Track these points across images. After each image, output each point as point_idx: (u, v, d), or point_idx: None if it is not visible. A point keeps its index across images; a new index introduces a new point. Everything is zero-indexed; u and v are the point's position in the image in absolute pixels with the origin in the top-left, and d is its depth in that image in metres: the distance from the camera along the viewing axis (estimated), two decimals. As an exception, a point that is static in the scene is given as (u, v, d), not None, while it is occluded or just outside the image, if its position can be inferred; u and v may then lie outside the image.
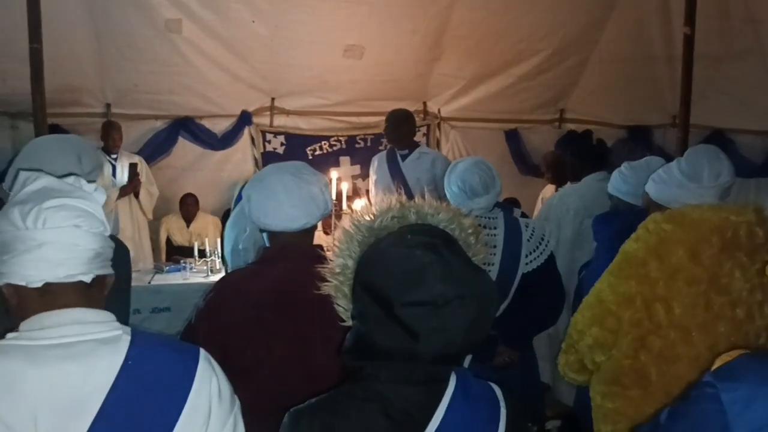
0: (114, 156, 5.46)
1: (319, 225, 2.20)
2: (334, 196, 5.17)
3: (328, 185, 2.10)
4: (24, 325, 1.21)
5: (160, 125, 5.90)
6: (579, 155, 4.29)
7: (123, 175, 5.41)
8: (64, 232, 1.21)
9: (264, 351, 1.85)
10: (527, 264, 2.67)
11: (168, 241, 5.95)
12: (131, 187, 5.40)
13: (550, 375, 3.47)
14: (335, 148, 6.35)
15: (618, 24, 5.86)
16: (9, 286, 1.22)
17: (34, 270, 1.20)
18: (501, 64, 6.06)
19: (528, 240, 2.68)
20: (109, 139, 5.41)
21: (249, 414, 1.47)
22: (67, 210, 1.23)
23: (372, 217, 1.29)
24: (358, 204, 4.94)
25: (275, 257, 1.97)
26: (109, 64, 5.42)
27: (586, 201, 3.72)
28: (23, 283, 1.21)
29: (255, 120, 6.12)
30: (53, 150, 2.20)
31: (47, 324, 1.20)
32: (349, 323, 1.30)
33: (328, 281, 1.32)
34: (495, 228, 2.68)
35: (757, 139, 6.42)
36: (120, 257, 2.34)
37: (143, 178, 5.52)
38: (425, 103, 6.47)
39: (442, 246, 1.20)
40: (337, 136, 6.34)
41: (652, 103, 6.38)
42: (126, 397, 1.19)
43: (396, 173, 5.15)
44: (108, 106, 5.71)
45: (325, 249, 1.83)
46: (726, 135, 6.36)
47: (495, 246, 2.64)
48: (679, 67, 4.81)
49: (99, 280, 1.28)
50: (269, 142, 6.18)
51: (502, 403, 1.30)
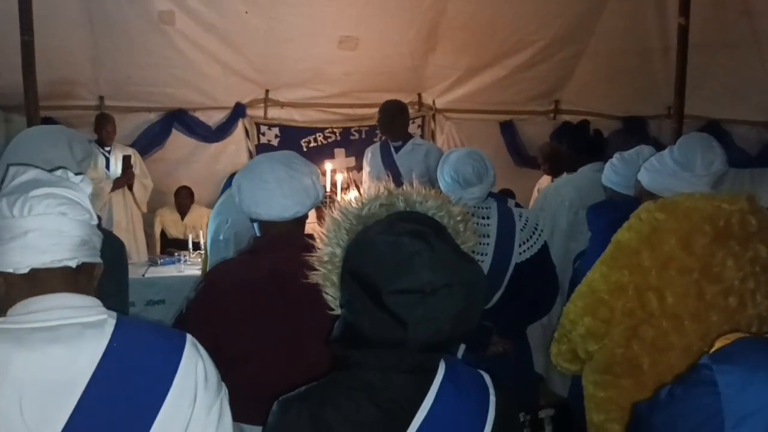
0: (108, 148, 5.44)
1: (314, 215, 2.19)
2: (328, 187, 5.17)
3: (319, 175, 2.10)
4: (11, 311, 1.23)
5: (153, 117, 5.87)
6: (575, 146, 4.28)
7: (117, 168, 5.39)
8: (49, 218, 1.23)
9: (255, 340, 1.86)
10: (521, 254, 2.66)
11: (162, 234, 5.94)
12: (125, 180, 5.39)
13: (543, 365, 3.47)
14: (330, 140, 6.33)
15: (613, 15, 5.84)
16: None
17: (20, 257, 1.21)
18: (496, 55, 6.04)
19: (521, 229, 2.68)
20: (103, 132, 5.39)
21: (239, 402, 1.47)
22: (53, 198, 1.25)
23: (360, 205, 1.28)
24: (351, 196, 4.93)
25: (266, 247, 1.97)
26: (103, 56, 5.38)
27: (581, 192, 3.71)
28: (10, 270, 1.22)
29: (249, 112, 6.09)
30: (44, 140, 2.19)
31: (33, 308, 1.22)
32: (338, 312, 1.30)
33: (316, 270, 1.31)
34: (488, 218, 2.67)
35: (752, 130, 6.42)
36: (116, 253, 2.36)
37: (137, 170, 5.50)
38: (420, 95, 6.44)
39: (430, 234, 1.19)
40: (332, 128, 6.32)
41: (647, 94, 6.36)
42: (111, 379, 1.19)
43: (389, 165, 5.14)
44: (101, 98, 5.69)
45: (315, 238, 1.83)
46: (721, 125, 6.35)
47: (488, 236, 2.64)
48: (674, 58, 4.81)
49: (86, 267, 1.29)
50: (263, 134, 6.15)
51: (491, 391, 1.29)
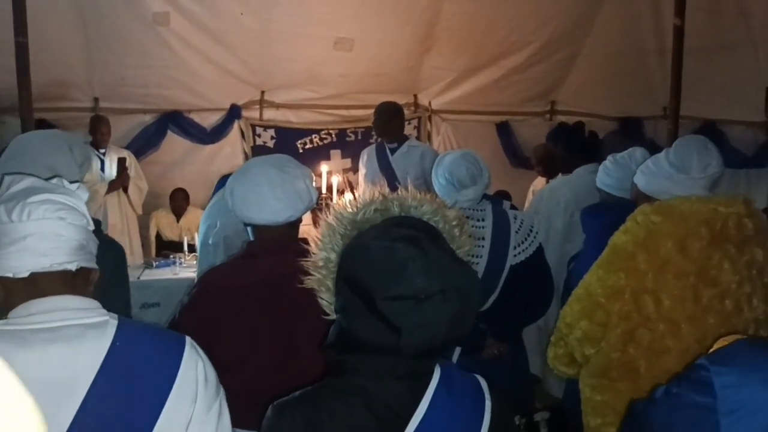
0: (102, 151, 5.42)
1: (308, 218, 2.18)
2: (324, 189, 5.16)
3: (312, 178, 2.09)
4: (12, 313, 1.24)
5: (148, 119, 5.86)
6: (570, 147, 4.28)
7: (111, 170, 5.37)
8: (47, 223, 1.25)
9: (248, 345, 1.85)
10: (515, 256, 2.66)
11: (158, 236, 5.91)
12: (120, 182, 5.37)
13: (540, 367, 3.47)
14: (326, 141, 6.31)
15: (609, 16, 5.84)
16: None
17: (19, 261, 1.23)
18: (492, 56, 6.04)
19: (516, 232, 2.67)
20: (98, 134, 5.37)
21: (234, 407, 1.46)
22: (51, 203, 1.26)
23: (355, 210, 1.28)
24: (346, 198, 4.92)
25: (259, 251, 1.95)
26: (97, 57, 5.36)
27: (576, 193, 3.71)
28: (9, 275, 1.23)
29: (244, 113, 6.08)
30: (46, 146, 2.18)
31: (34, 311, 1.23)
32: (333, 317, 1.29)
33: (311, 275, 1.30)
34: (483, 220, 2.67)
35: (748, 131, 6.43)
36: (119, 259, 2.35)
37: (132, 172, 5.48)
38: (416, 96, 6.44)
39: (424, 239, 1.19)
40: (328, 129, 6.31)
41: (643, 95, 6.37)
42: (114, 379, 1.21)
43: (385, 167, 5.13)
44: (96, 100, 5.66)
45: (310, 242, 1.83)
46: (717, 126, 6.36)
47: (483, 238, 2.63)
48: (670, 59, 4.81)
49: (84, 272, 1.31)
50: (259, 135, 6.14)
51: (486, 396, 1.29)
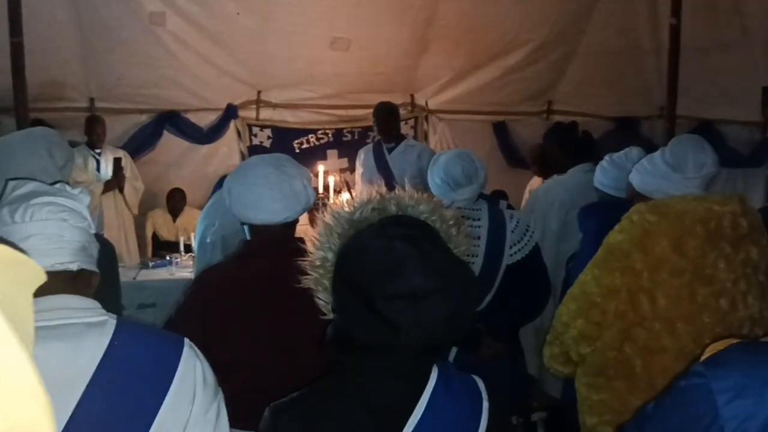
0: (98, 151, 5.40)
1: (305, 218, 2.18)
2: (321, 189, 5.16)
3: (311, 179, 2.08)
4: None
5: (144, 119, 5.84)
6: (564, 147, 4.29)
7: (107, 170, 5.34)
8: (50, 224, 1.27)
9: (245, 346, 1.84)
10: (512, 255, 2.66)
11: (154, 237, 5.90)
12: (116, 182, 5.34)
13: (537, 367, 3.46)
14: (322, 141, 6.30)
15: (605, 15, 5.85)
16: None
17: None
18: (489, 55, 6.04)
19: (512, 231, 2.67)
20: (93, 134, 5.35)
21: (231, 408, 1.46)
22: (54, 205, 1.29)
23: (352, 209, 1.27)
24: (343, 198, 4.92)
25: (256, 251, 1.95)
26: (93, 57, 5.36)
27: (572, 193, 3.72)
28: None
29: (241, 113, 6.06)
30: (22, 149, 2.16)
31: (35, 309, 1.21)
32: (330, 316, 1.29)
33: (308, 274, 1.30)
34: (479, 219, 2.66)
35: (744, 130, 6.43)
36: (108, 256, 2.34)
37: (128, 172, 5.46)
38: (413, 96, 6.43)
39: (422, 238, 1.18)
40: (325, 129, 6.30)
41: (639, 95, 6.39)
42: (112, 378, 1.22)
43: (382, 166, 5.14)
44: (92, 100, 5.65)
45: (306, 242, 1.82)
46: (713, 126, 6.36)
47: (479, 237, 2.63)
48: (666, 59, 4.82)
49: (85, 275, 1.32)
50: (255, 135, 6.12)
51: (484, 396, 1.28)
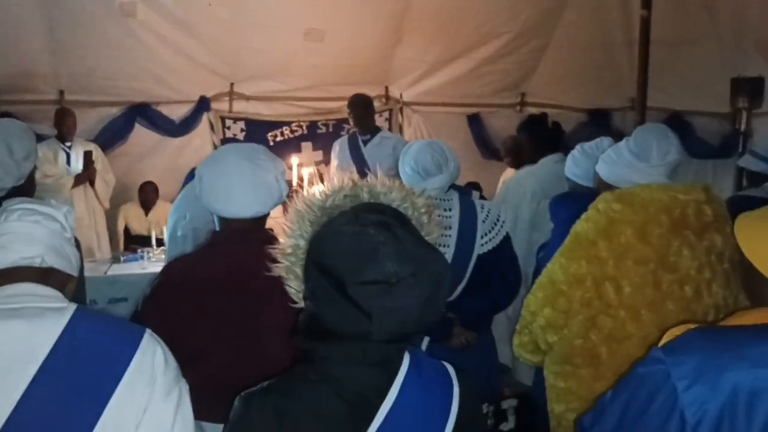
0: (68, 144, 5.32)
1: (279, 210, 2.16)
2: (295, 182, 5.13)
3: (285, 172, 2.05)
4: None
5: (115, 112, 5.75)
6: (535, 137, 4.31)
7: (78, 164, 5.26)
8: (22, 225, 1.35)
9: (213, 336, 1.82)
10: (482, 245, 2.67)
11: (126, 230, 5.83)
12: (86, 176, 5.26)
13: (509, 356, 3.49)
14: (297, 133, 6.27)
15: (577, 8, 5.90)
16: None
17: None
18: (463, 48, 6.06)
19: (483, 221, 2.68)
20: (63, 127, 5.27)
21: (199, 400, 1.45)
22: (27, 210, 1.37)
23: (324, 197, 1.27)
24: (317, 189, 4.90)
25: (224, 241, 1.93)
26: (62, 49, 5.26)
27: (543, 183, 3.74)
28: None
29: (214, 106, 6.00)
30: None
31: (1, 295, 1.30)
32: (301, 305, 1.28)
33: (279, 263, 1.29)
34: (450, 210, 2.67)
35: (714, 122, 6.54)
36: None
37: (99, 166, 5.38)
38: (387, 88, 6.44)
39: (394, 224, 1.18)
40: (299, 121, 6.26)
41: (611, 87, 6.46)
42: (67, 358, 1.24)
43: (358, 158, 5.13)
44: (61, 92, 5.56)
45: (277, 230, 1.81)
46: (683, 117, 6.47)
47: (450, 227, 2.64)
48: (637, 51, 4.87)
49: (58, 275, 1.37)
50: (229, 128, 6.07)
51: (455, 383, 1.29)
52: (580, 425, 1.43)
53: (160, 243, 4.90)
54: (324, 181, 5.38)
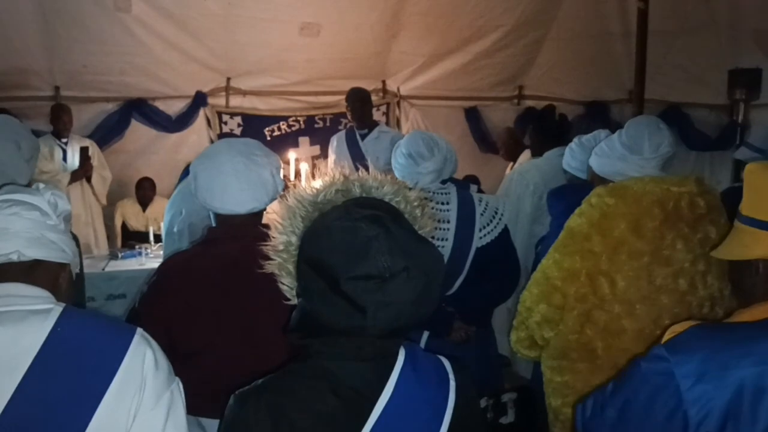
0: (64, 140, 5.31)
1: (276, 205, 2.14)
2: (293, 177, 5.12)
3: (280, 167, 2.05)
4: None
5: (111, 107, 5.74)
6: (541, 131, 4.28)
7: (74, 160, 5.25)
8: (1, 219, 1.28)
9: (210, 333, 1.82)
10: (481, 238, 2.66)
11: (123, 227, 5.82)
12: (83, 172, 5.26)
13: (509, 348, 3.49)
14: (294, 128, 6.25)
15: (574, 1, 5.88)
16: None
17: None
18: (460, 41, 6.04)
19: (481, 214, 2.68)
20: (59, 123, 5.26)
21: (197, 396, 1.44)
22: (8, 202, 1.30)
23: (315, 192, 1.26)
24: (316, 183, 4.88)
25: (220, 237, 1.93)
26: (57, 45, 5.24)
27: (545, 176, 3.73)
28: None
29: (210, 101, 5.99)
30: None
31: None
32: (295, 302, 1.27)
33: (272, 260, 1.28)
34: (448, 203, 2.66)
35: (712, 114, 6.53)
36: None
37: (95, 162, 5.37)
38: (384, 82, 6.42)
39: (387, 219, 1.17)
40: (296, 116, 6.24)
41: (608, 79, 6.44)
42: (55, 362, 1.20)
43: (356, 153, 5.11)
44: (57, 88, 5.54)
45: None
46: (681, 109, 6.45)
47: (448, 221, 2.63)
48: (635, 43, 4.86)
49: (46, 266, 1.31)
50: (225, 123, 6.05)
51: (451, 377, 1.29)
52: (578, 414, 1.42)
53: (157, 239, 4.89)
54: (316, 176, 5.36)
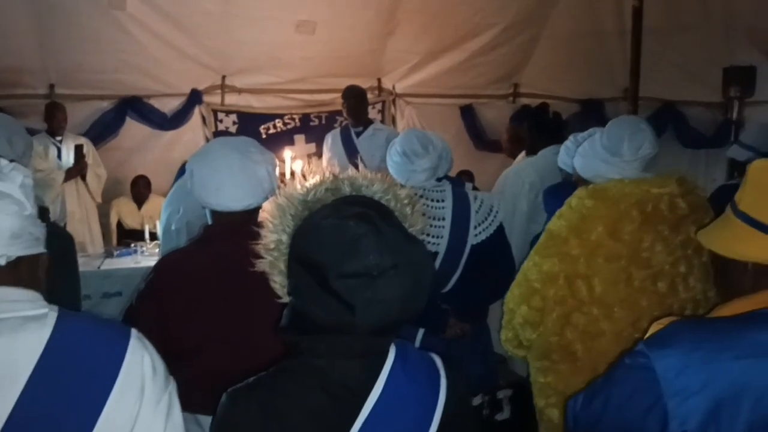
0: (59, 138, 5.31)
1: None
2: (288, 175, 5.11)
3: (275, 165, 2.06)
4: None
5: (106, 105, 5.72)
6: (535, 128, 4.29)
7: (69, 158, 5.25)
8: None
9: (206, 331, 1.83)
10: (476, 235, 2.67)
11: (119, 225, 5.82)
12: (77, 170, 5.25)
13: (505, 345, 3.50)
14: (289, 126, 6.25)
15: (569, -2, 5.89)
16: None
17: None
18: (455, 39, 6.04)
19: (476, 211, 2.69)
20: (54, 121, 5.26)
21: (194, 394, 1.45)
22: None
23: (305, 190, 1.26)
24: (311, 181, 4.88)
25: (216, 235, 1.94)
26: (51, 43, 5.23)
27: (542, 174, 3.73)
28: None
29: (206, 99, 5.98)
30: None
31: None
32: (286, 300, 1.28)
33: (263, 258, 1.29)
34: (443, 201, 2.67)
35: (707, 111, 6.55)
36: (65, 246, 2.28)
37: (90, 160, 5.37)
38: (380, 80, 6.41)
39: (376, 216, 1.18)
40: (291, 114, 6.24)
41: (603, 77, 6.45)
42: (54, 372, 1.17)
43: (350, 150, 5.12)
44: (51, 86, 5.53)
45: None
46: (676, 107, 6.47)
47: (443, 218, 2.64)
48: (629, 41, 4.86)
49: (27, 260, 1.25)
50: (221, 121, 6.04)
51: (442, 374, 1.29)
52: (569, 407, 1.43)
53: (153, 237, 4.90)
54: (307, 174, 5.35)
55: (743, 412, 1.15)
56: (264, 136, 6.07)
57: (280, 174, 2.13)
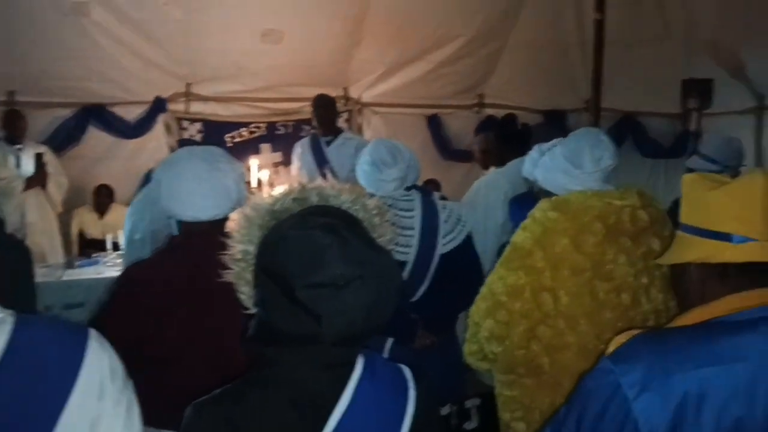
0: (18, 146, 5.18)
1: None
2: (255, 183, 5.08)
3: (243, 175, 2.06)
4: None
5: (68, 113, 5.62)
6: (503, 139, 4.28)
7: (29, 166, 5.13)
8: None
9: (172, 342, 1.81)
10: (445, 245, 2.69)
11: (81, 235, 5.70)
12: (38, 179, 5.13)
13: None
14: (255, 134, 6.20)
15: (533, 10, 5.98)
16: None
17: None
18: (421, 49, 6.08)
19: (445, 221, 2.70)
20: (13, 129, 5.15)
21: (159, 407, 1.42)
22: None
23: (272, 200, 1.26)
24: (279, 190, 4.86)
25: (182, 245, 1.92)
26: (12, 49, 5.12)
27: (515, 185, 3.71)
28: None
29: (170, 107, 5.89)
30: None
31: None
32: (253, 310, 1.27)
33: (230, 268, 1.28)
34: (412, 210, 2.69)
35: (666, 122, 6.72)
36: (21, 258, 2.23)
37: (50, 168, 5.25)
38: (346, 89, 6.41)
39: (342, 227, 1.18)
40: (257, 122, 6.19)
41: (566, 88, 6.55)
42: (13, 376, 1.14)
43: (321, 160, 5.11)
44: (12, 93, 5.41)
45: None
46: (636, 118, 6.61)
47: (412, 228, 2.65)
48: (591, 53, 4.95)
49: None
50: (186, 129, 5.96)
51: (410, 385, 1.29)
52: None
53: (115, 247, 4.82)
54: (275, 184, 5.33)
55: (706, 421, 1.15)
56: (230, 144, 6.00)
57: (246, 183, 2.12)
